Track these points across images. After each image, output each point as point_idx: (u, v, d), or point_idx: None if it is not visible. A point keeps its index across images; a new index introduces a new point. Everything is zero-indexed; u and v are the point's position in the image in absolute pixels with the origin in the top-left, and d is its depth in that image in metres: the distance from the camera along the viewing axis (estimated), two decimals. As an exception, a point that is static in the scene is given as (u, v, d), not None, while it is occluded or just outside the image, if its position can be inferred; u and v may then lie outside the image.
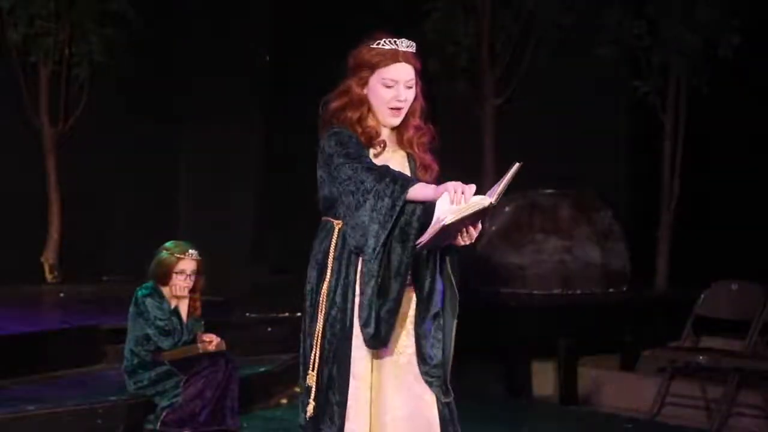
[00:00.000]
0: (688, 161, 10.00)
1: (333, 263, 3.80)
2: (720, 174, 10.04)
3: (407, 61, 3.85)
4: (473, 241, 3.70)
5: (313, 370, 3.79)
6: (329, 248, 3.81)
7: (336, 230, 3.80)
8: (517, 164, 3.55)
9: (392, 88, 3.84)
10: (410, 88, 3.87)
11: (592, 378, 8.63)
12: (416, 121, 3.93)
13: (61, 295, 9.28)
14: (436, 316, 3.77)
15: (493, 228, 9.85)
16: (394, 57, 3.83)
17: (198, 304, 6.10)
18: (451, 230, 3.59)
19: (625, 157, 10.86)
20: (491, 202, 3.53)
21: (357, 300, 3.75)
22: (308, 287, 3.86)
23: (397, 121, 3.88)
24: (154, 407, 5.95)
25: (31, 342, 6.88)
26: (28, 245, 9.83)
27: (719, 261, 9.32)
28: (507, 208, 9.87)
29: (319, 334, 3.80)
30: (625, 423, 7.15)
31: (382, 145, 3.87)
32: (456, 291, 3.82)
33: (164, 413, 5.89)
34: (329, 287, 3.80)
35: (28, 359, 6.72)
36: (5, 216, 9.67)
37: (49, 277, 9.92)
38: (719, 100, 9.79)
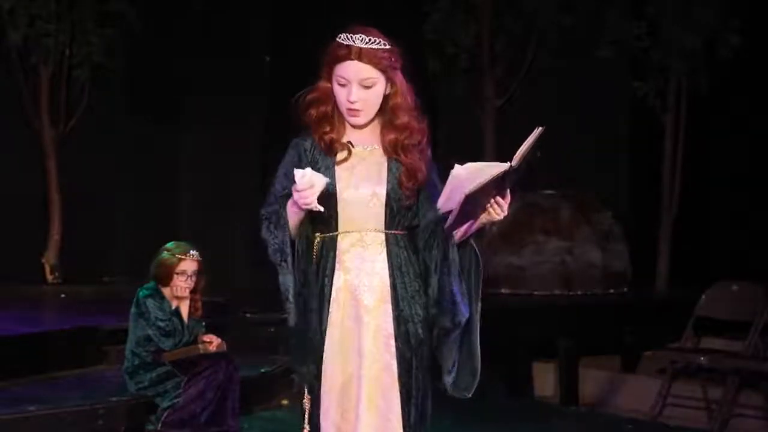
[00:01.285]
0: (688, 162, 10.01)
1: (312, 276, 3.63)
2: (720, 175, 10.05)
3: (366, 60, 3.54)
4: (505, 213, 3.50)
5: (309, 393, 3.63)
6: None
7: (315, 241, 3.64)
8: (540, 128, 3.42)
9: (345, 87, 3.57)
10: (368, 87, 3.56)
11: (592, 379, 8.63)
12: (401, 119, 3.62)
13: (62, 295, 9.27)
14: (456, 325, 3.59)
15: (494, 229, 9.85)
16: (347, 54, 3.54)
17: (199, 304, 6.10)
18: (475, 202, 3.44)
19: (625, 158, 10.87)
20: (511, 165, 3.39)
21: (331, 311, 3.59)
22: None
23: (358, 121, 3.61)
24: (155, 408, 5.95)
25: (32, 343, 6.87)
26: (28, 246, 9.83)
27: (720, 262, 9.34)
28: (507, 209, 9.88)
29: None
30: (625, 424, 7.14)
31: (346, 148, 3.61)
32: (480, 271, 3.63)
33: (165, 414, 5.89)
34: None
35: (29, 360, 6.72)
36: (6, 217, 9.68)
37: (49, 277, 9.92)
38: (719, 100, 9.80)
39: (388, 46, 3.60)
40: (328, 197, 3.57)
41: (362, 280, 3.61)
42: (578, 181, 10.08)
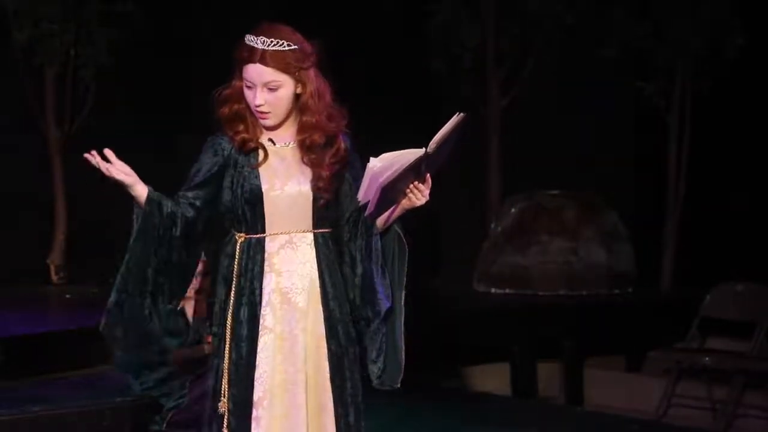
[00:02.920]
0: (693, 162, 10.00)
1: (238, 279, 3.62)
2: (725, 175, 10.04)
3: (270, 63, 3.48)
4: (427, 199, 3.44)
5: (224, 397, 3.64)
6: (233, 263, 3.64)
7: (239, 243, 3.63)
8: (459, 114, 3.34)
9: (251, 89, 3.51)
10: (274, 90, 3.49)
11: (597, 379, 8.63)
12: (310, 120, 3.52)
13: (67, 296, 9.28)
14: (377, 315, 3.53)
15: (498, 229, 9.85)
16: (251, 56, 3.50)
17: (204, 305, 6.09)
18: (393, 190, 3.39)
19: (630, 158, 10.86)
20: (426, 152, 3.33)
21: (262, 319, 3.56)
22: (216, 306, 3.71)
23: (267, 123, 3.54)
24: (160, 408, 5.95)
25: (36, 343, 6.88)
26: (33, 247, 9.83)
27: (725, 262, 9.32)
28: (512, 209, 9.87)
29: (227, 357, 3.64)
30: (630, 424, 7.14)
31: (262, 147, 3.55)
32: (405, 258, 3.56)
33: (170, 414, 5.89)
34: (235, 305, 3.63)
35: (33, 360, 6.72)
36: (11, 217, 9.68)
37: (55, 278, 9.92)
38: (724, 101, 9.79)
39: (294, 47, 3.53)
40: (254, 199, 3.53)
41: (294, 282, 3.55)
42: (582, 181, 10.07)
